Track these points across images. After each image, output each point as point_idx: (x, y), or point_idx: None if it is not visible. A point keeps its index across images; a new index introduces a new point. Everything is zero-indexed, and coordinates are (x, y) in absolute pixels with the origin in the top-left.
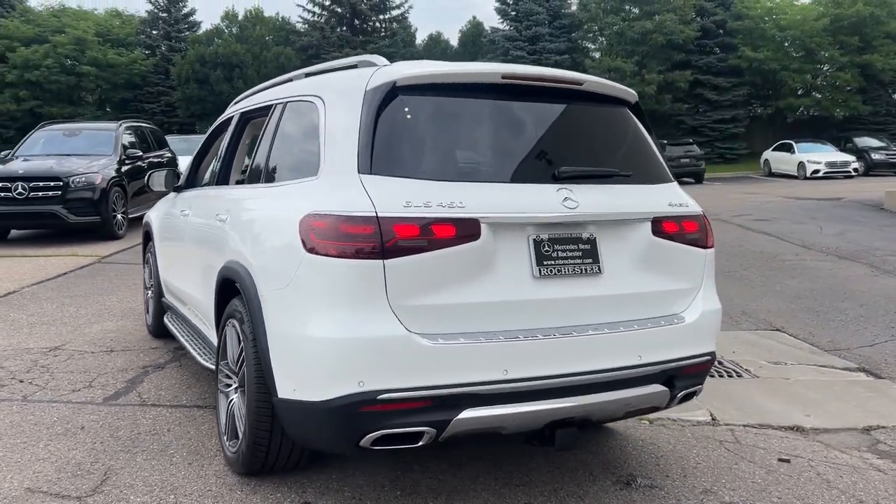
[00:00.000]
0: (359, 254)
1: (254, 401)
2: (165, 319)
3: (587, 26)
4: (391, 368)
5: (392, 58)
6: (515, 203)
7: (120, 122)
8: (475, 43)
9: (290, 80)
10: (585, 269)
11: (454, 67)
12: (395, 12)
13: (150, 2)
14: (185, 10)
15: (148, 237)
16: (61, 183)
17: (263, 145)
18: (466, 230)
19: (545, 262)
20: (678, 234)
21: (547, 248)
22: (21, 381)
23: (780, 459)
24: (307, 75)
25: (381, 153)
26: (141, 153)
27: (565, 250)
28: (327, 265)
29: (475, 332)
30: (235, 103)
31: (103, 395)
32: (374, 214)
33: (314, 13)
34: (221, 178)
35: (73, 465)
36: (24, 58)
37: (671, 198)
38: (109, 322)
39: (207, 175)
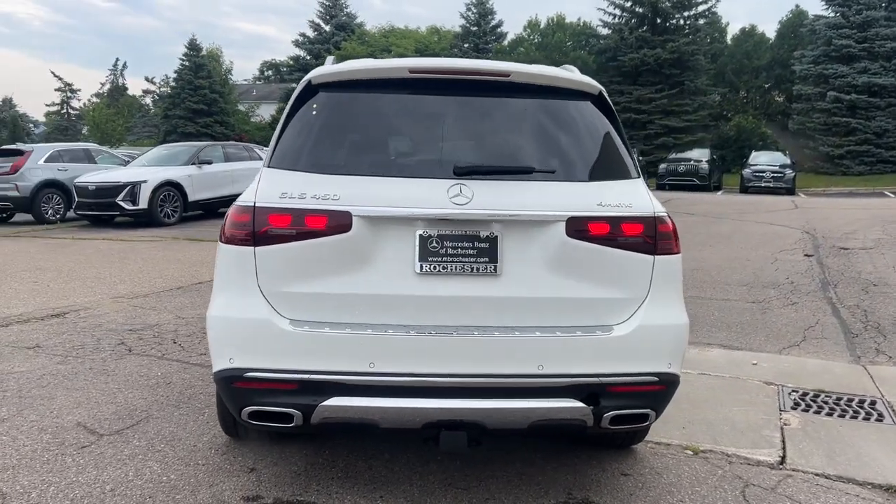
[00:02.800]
0: (239, 241)
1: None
2: None
3: None
4: (257, 349)
5: (693, 56)
6: (399, 198)
7: None
8: (795, 34)
9: None
10: (478, 269)
11: (364, 64)
12: (700, 7)
13: (463, 17)
14: (493, 23)
15: None
16: None
17: None
18: (337, 222)
19: (430, 259)
20: (609, 237)
21: (434, 245)
22: (174, 343)
23: None
24: None
25: (282, 147)
26: None
27: (456, 248)
28: (221, 250)
29: (343, 322)
30: None
31: None
32: (252, 204)
33: (614, 15)
34: None
35: (128, 410)
36: None
37: (607, 197)
38: None
39: None
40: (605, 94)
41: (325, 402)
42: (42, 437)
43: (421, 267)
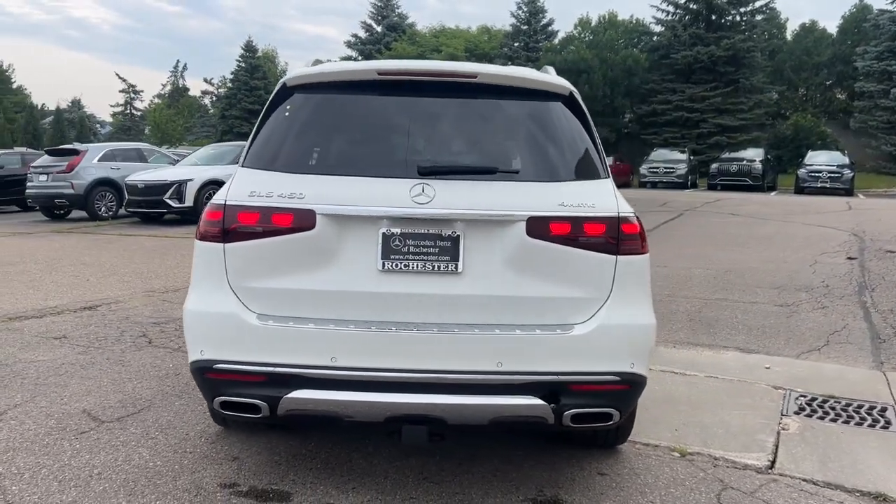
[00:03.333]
0: (211, 238)
1: None
2: None
3: None
4: (226, 342)
5: (749, 53)
6: (362, 197)
7: None
8: (858, 29)
9: None
10: (439, 267)
11: (336, 66)
12: (757, 3)
13: (514, 16)
14: (544, 21)
15: None
16: None
17: None
18: (302, 220)
19: (392, 257)
20: (570, 236)
21: (397, 243)
22: None
23: None
24: None
25: (256, 148)
26: None
27: (418, 246)
28: (196, 247)
29: (307, 317)
30: None
31: None
32: (224, 202)
33: (668, 12)
34: None
35: (132, 399)
36: None
37: (570, 197)
38: None
39: None
40: (577, 95)
41: (289, 395)
42: (47, 423)
43: (383, 265)
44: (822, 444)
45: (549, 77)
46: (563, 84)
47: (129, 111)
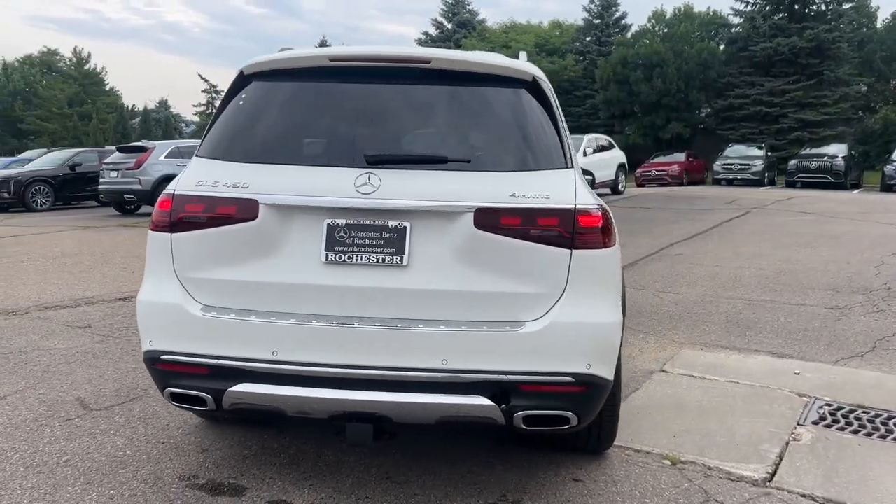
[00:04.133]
0: (161, 227)
1: None
2: None
3: None
4: (171, 333)
5: (834, 43)
6: (306, 186)
7: None
8: None
9: None
10: (384, 260)
11: (288, 54)
12: None
13: (586, 9)
14: (617, 15)
15: None
16: None
17: None
18: (244, 210)
19: (336, 248)
20: (521, 229)
21: (342, 234)
22: None
23: None
24: None
25: (210, 137)
26: None
27: (363, 238)
28: (148, 237)
29: (249, 309)
30: None
31: None
32: (173, 192)
33: (747, 3)
34: None
35: (128, 388)
36: None
37: (523, 188)
38: None
39: None
40: (541, 81)
41: (232, 388)
42: (39, 409)
43: (327, 256)
44: (833, 457)
45: (510, 62)
46: (526, 69)
47: (210, 110)
